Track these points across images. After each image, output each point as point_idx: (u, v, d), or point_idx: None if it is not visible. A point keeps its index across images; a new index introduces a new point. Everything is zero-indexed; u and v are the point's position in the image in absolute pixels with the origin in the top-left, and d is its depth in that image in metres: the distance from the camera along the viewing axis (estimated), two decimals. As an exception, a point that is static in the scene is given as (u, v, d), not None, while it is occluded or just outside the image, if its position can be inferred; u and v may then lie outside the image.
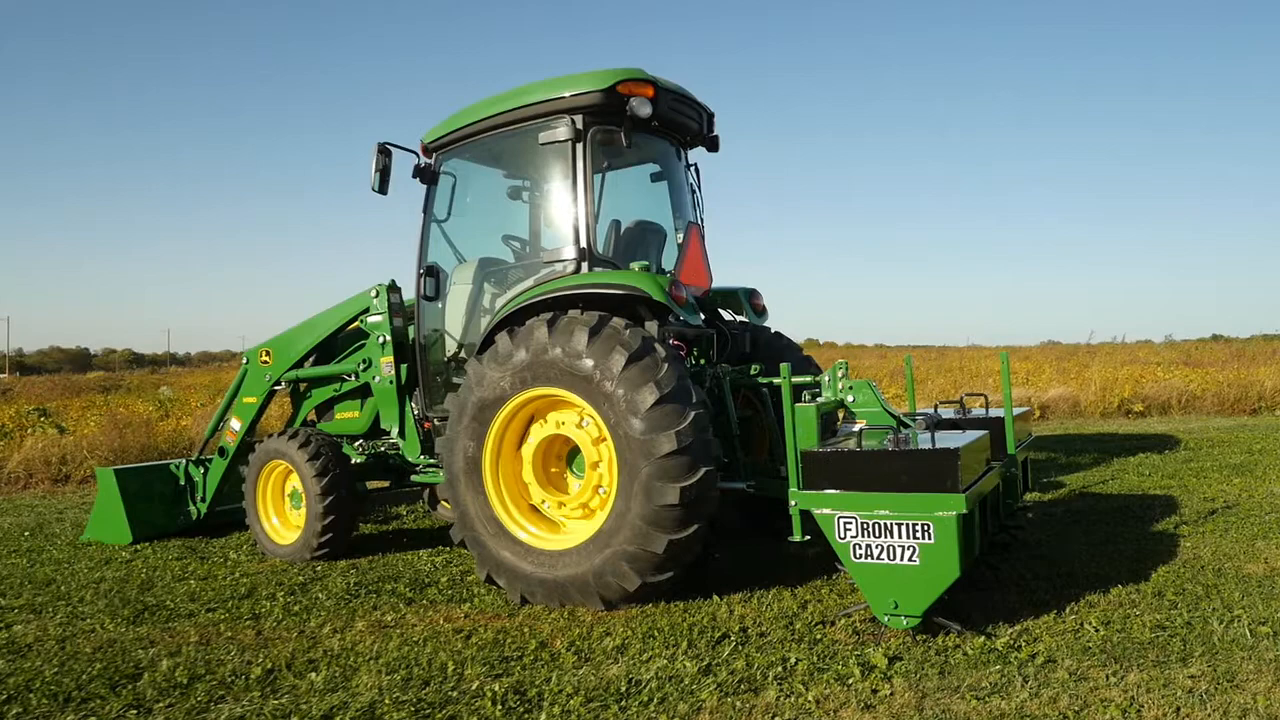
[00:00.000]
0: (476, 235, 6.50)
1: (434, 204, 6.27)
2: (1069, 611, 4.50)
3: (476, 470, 5.19)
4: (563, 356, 4.88)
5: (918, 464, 4.09)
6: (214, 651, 4.34)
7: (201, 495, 7.37)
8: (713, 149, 6.53)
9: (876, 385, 5.34)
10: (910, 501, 4.07)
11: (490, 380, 5.13)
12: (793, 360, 6.29)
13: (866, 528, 4.15)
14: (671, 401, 4.67)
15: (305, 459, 6.25)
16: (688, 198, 6.40)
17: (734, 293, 6.31)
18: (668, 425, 4.62)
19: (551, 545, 5.01)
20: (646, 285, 5.18)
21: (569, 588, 4.85)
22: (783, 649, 4.11)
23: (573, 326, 4.91)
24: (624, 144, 5.61)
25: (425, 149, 6.31)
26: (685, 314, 5.37)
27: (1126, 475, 9.06)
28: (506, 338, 5.14)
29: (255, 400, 7.13)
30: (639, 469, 4.64)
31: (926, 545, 4.03)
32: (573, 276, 5.45)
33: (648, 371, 4.71)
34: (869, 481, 4.16)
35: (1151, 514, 6.94)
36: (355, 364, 6.61)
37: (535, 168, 6.04)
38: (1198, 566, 5.28)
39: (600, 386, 4.77)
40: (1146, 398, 16.09)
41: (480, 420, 5.17)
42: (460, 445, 5.24)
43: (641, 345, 4.79)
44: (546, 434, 5.16)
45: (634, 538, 4.66)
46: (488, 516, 5.16)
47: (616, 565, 4.70)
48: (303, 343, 6.91)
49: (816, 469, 4.30)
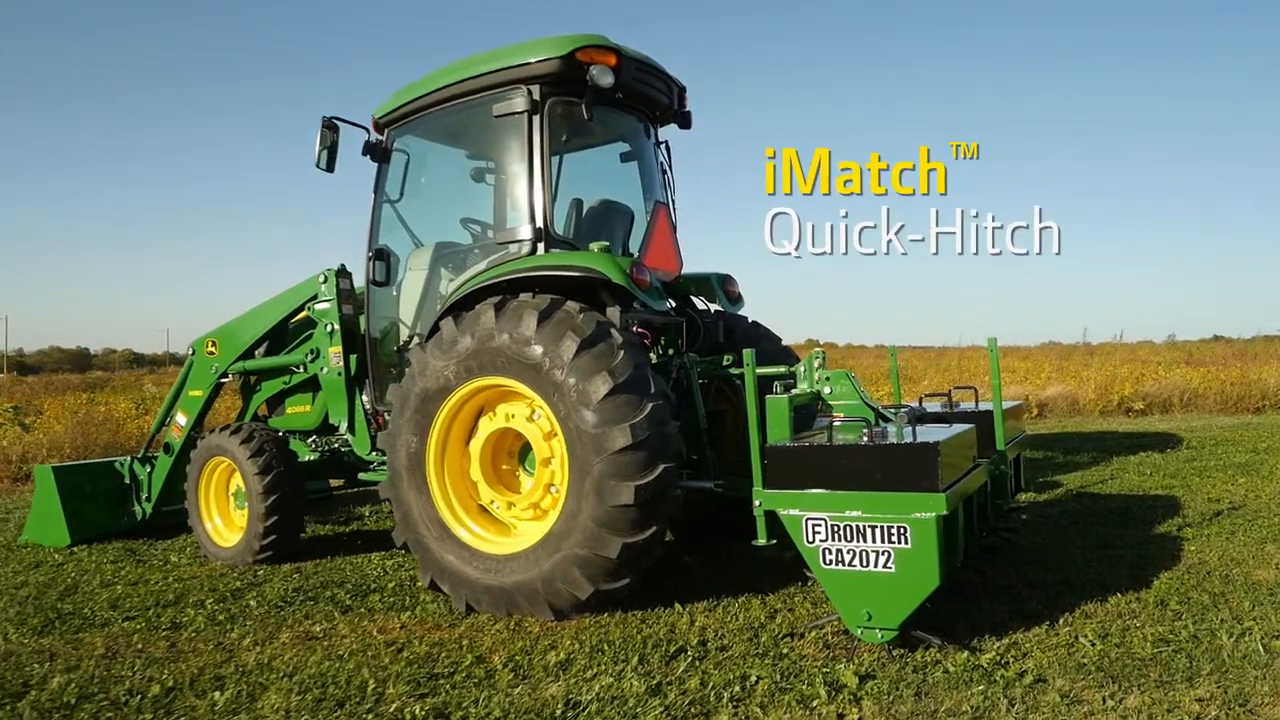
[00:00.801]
0: (433, 217, 6.09)
1: (385, 183, 5.86)
2: (1063, 623, 4.09)
3: (420, 467, 4.78)
4: (510, 343, 4.47)
5: (893, 460, 3.68)
6: (117, 666, 3.92)
7: (147, 494, 6.95)
8: (685, 125, 6.11)
9: (856, 377, 4.93)
10: (885, 501, 3.65)
11: (434, 369, 4.71)
12: (771, 351, 5.88)
13: (837, 531, 3.74)
14: (626, 392, 4.25)
15: (247, 455, 5.84)
16: (658, 177, 5.99)
17: (707, 279, 5.89)
18: (621, 418, 4.20)
19: (499, 549, 4.60)
20: (605, 267, 4.77)
21: (516, 595, 4.44)
22: (744, 665, 3.70)
23: (522, 310, 4.50)
24: (585, 116, 5.19)
25: (376, 124, 5.89)
26: (649, 299, 4.96)
27: (1126, 474, 8.65)
28: (451, 324, 4.73)
29: (201, 394, 6.71)
30: (590, 466, 4.23)
31: (903, 550, 3.62)
32: (527, 258, 5.04)
33: (601, 359, 4.30)
34: (839, 479, 3.74)
35: (1153, 515, 6.53)
36: (303, 355, 6.20)
37: (490, 143, 5.63)
38: (1203, 573, 4.87)
39: (550, 376, 4.36)
40: (1147, 396, 15.68)
41: (423, 413, 4.76)
42: (403, 440, 4.82)
43: (595, 331, 4.38)
44: (495, 428, 4.75)
45: (585, 541, 4.24)
46: (431, 518, 4.75)
47: (567, 571, 4.29)
48: (250, 332, 6.50)
49: (781, 466, 3.89)
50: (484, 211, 5.97)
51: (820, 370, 4.99)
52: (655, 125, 6.03)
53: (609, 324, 4.52)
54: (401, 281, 5.88)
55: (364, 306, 5.88)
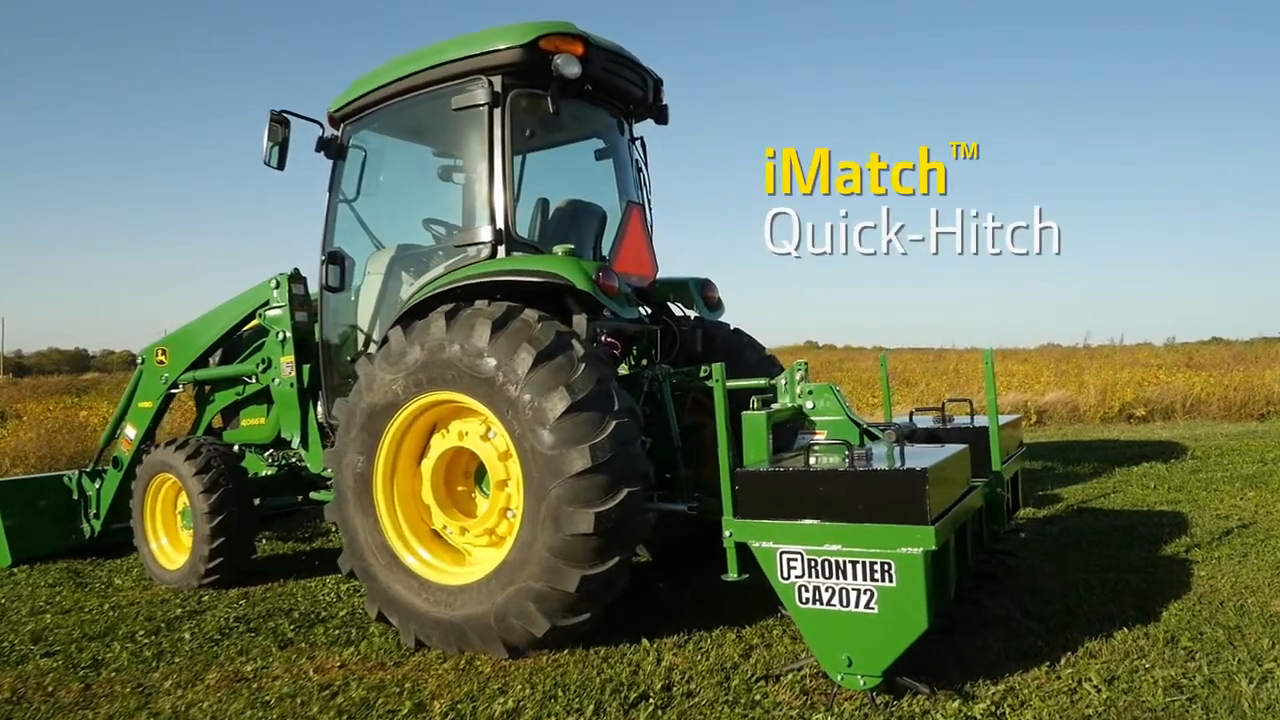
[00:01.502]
0: (394, 218, 5.72)
1: (341, 182, 5.49)
2: (1064, 664, 3.72)
3: (367, 489, 4.41)
4: (461, 355, 4.09)
5: (876, 487, 3.31)
6: (19, 713, 3.55)
7: (95, 511, 6.57)
8: (662, 120, 5.74)
9: (841, 391, 4.56)
10: (867, 534, 3.28)
11: (381, 383, 4.34)
12: (753, 360, 5.51)
13: (814, 566, 3.36)
14: (587, 409, 3.88)
15: (192, 472, 5.46)
16: (632, 176, 5.62)
17: (684, 283, 5.52)
18: (580, 438, 3.83)
19: (450, 579, 4.23)
20: (568, 271, 4.40)
21: (468, 631, 4.06)
22: (711, 713, 3.33)
23: (474, 320, 4.13)
24: (551, 109, 4.83)
25: (331, 119, 5.53)
26: (617, 306, 4.59)
27: (1130, 487, 8.28)
28: (400, 334, 4.36)
29: (151, 405, 6.34)
30: (547, 490, 3.86)
31: (887, 590, 3.25)
32: (485, 263, 4.67)
33: (559, 373, 3.92)
34: (817, 509, 3.37)
35: (1159, 535, 6.16)
36: (255, 365, 5.82)
37: (450, 138, 5.27)
38: (1216, 603, 4.50)
39: (504, 391, 3.98)
40: (1149, 402, 15.31)
41: (370, 430, 4.39)
42: (349, 459, 4.45)
43: (554, 342, 4.01)
44: (448, 447, 4.38)
45: (541, 573, 3.87)
46: (378, 544, 4.37)
47: (521, 605, 3.91)
48: (201, 339, 6.12)
49: (753, 493, 3.52)
50: (448, 212, 5.60)
51: (803, 383, 4.63)
52: (630, 120, 5.66)
53: (570, 334, 4.15)
54: (360, 287, 5.51)
55: (318, 313, 5.51)
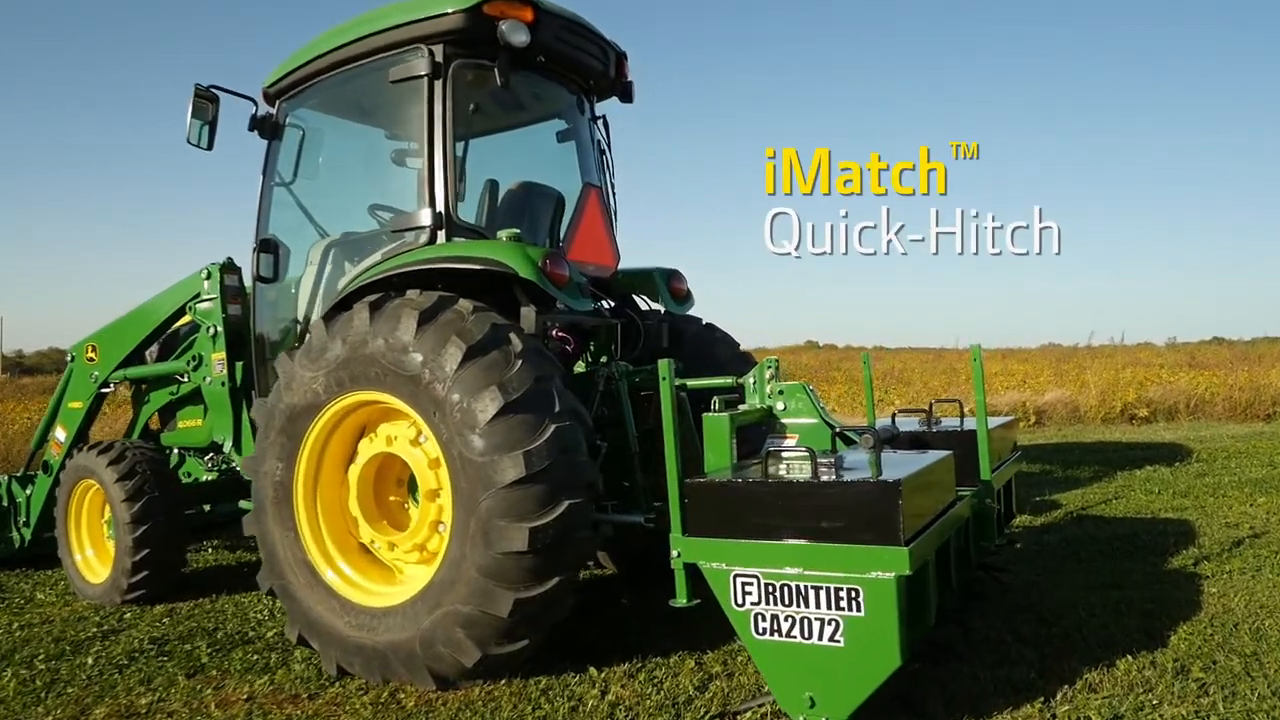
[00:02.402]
0: (336, 204, 5.29)
1: (277, 163, 5.05)
2: (1061, 699, 3.29)
3: (286, 499, 3.97)
4: (385, 350, 3.66)
5: (842, 501, 2.87)
6: None
7: (25, 519, 6.14)
8: (626, 99, 5.31)
9: (815, 390, 4.13)
10: (832, 556, 2.85)
11: (301, 382, 3.91)
12: (724, 357, 5.08)
13: (772, 592, 2.93)
14: (522, 411, 3.44)
15: (114, 478, 5.03)
16: (593, 158, 5.18)
17: (648, 274, 5.08)
18: (514, 443, 3.40)
19: (373, 600, 3.79)
20: (511, 258, 3.97)
21: (392, 659, 3.63)
22: (655, 761, 2.89)
23: (401, 311, 3.69)
24: (499, 82, 4.39)
25: (266, 95, 5.09)
26: (568, 297, 4.17)
27: (1132, 492, 7.83)
28: (322, 328, 3.93)
29: (81, 405, 5.90)
30: (476, 502, 3.42)
31: (855, 620, 2.81)
32: (421, 250, 4.24)
33: (491, 371, 3.49)
34: (775, 526, 2.94)
35: (1165, 545, 5.72)
36: (186, 362, 5.39)
37: (388, 114, 4.84)
38: (1229, 625, 4.06)
39: (430, 390, 3.55)
40: (1151, 402, 14.85)
41: (290, 434, 3.96)
42: (267, 466, 4.02)
43: (487, 336, 3.57)
44: (376, 452, 3.94)
45: (470, 595, 3.43)
46: (299, 560, 3.94)
47: (449, 631, 3.48)
48: (131, 335, 5.68)
49: (703, 506, 3.08)
50: (395, 196, 5.17)
51: (773, 382, 4.19)
52: (590, 98, 5.23)
53: (510, 328, 3.71)
54: (300, 278, 5.07)
55: (251, 306, 5.08)
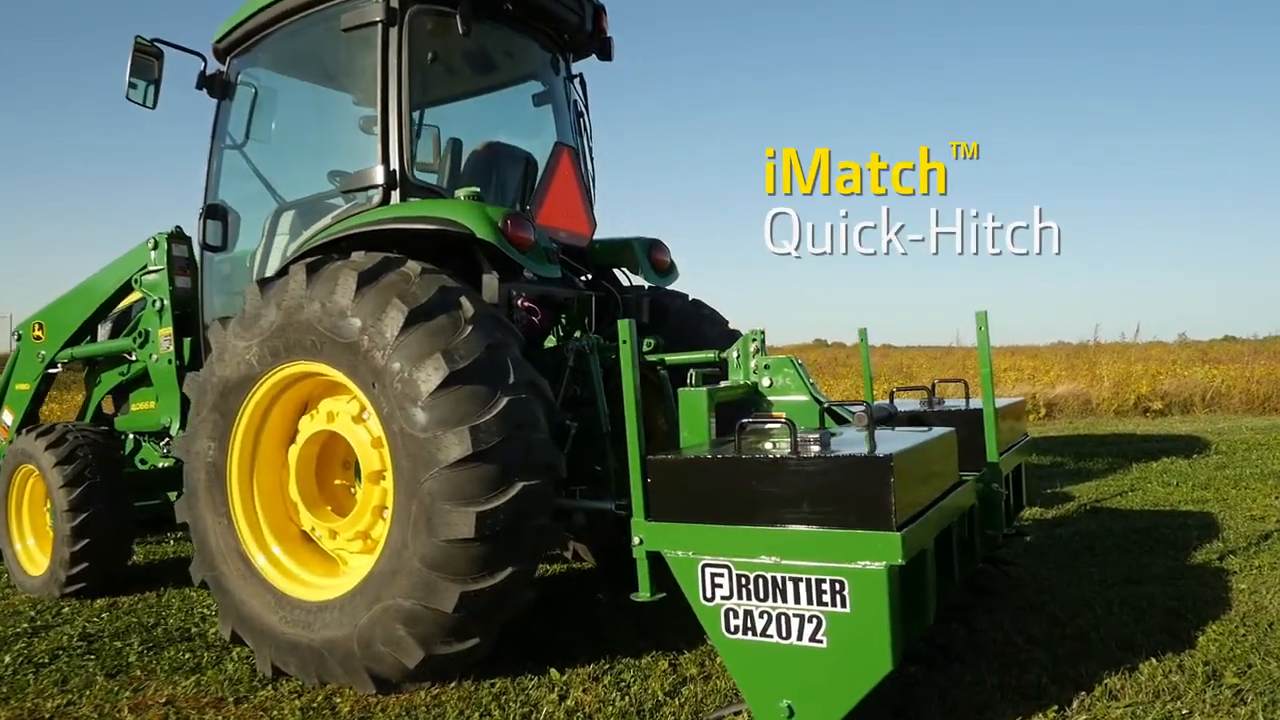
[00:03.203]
0: (295, 168, 4.92)
1: (228, 124, 4.70)
2: (1078, 708, 2.91)
3: (219, 482, 3.61)
4: (322, 315, 3.29)
5: (826, 480, 2.49)
6: None
7: (-27, 508, 5.78)
8: (605, 56, 4.94)
9: (804, 365, 3.75)
10: (813, 543, 2.46)
11: (234, 352, 3.54)
12: (712, 335, 4.69)
13: (745, 584, 2.55)
14: (470, 382, 3.07)
15: (52, 462, 4.67)
16: (570, 120, 4.81)
17: (627, 244, 4.70)
18: (460, 418, 3.02)
19: (310, 594, 3.43)
20: (467, 217, 3.61)
21: (328, 658, 3.26)
22: (611, 778, 2.51)
23: (340, 273, 3.32)
24: (461, 30, 4.02)
25: (217, 51, 4.73)
26: (533, 262, 3.80)
27: (1149, 485, 7.42)
28: (256, 293, 3.56)
29: (28, 387, 5.56)
30: (418, 483, 3.05)
31: (840, 617, 2.43)
32: (373, 210, 3.88)
33: (436, 337, 3.12)
34: (748, 509, 2.56)
35: (1186, 538, 5.32)
36: (133, 338, 5.03)
37: (342, 66, 4.46)
38: (1263, 625, 3.66)
39: (369, 359, 3.18)
40: (1166, 394, 14.40)
41: (223, 410, 3.59)
42: (199, 446, 3.66)
43: (434, 299, 3.20)
44: (316, 430, 3.58)
45: (412, 588, 3.06)
46: (232, 548, 3.58)
47: (389, 628, 3.11)
48: (78, 311, 5.33)
49: (668, 486, 2.70)
50: (358, 161, 4.80)
51: (759, 356, 3.81)
52: (566, 55, 4.86)
53: (461, 291, 3.34)
54: (255, 248, 4.71)
55: (199, 278, 4.72)
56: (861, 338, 4.83)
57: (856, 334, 5.01)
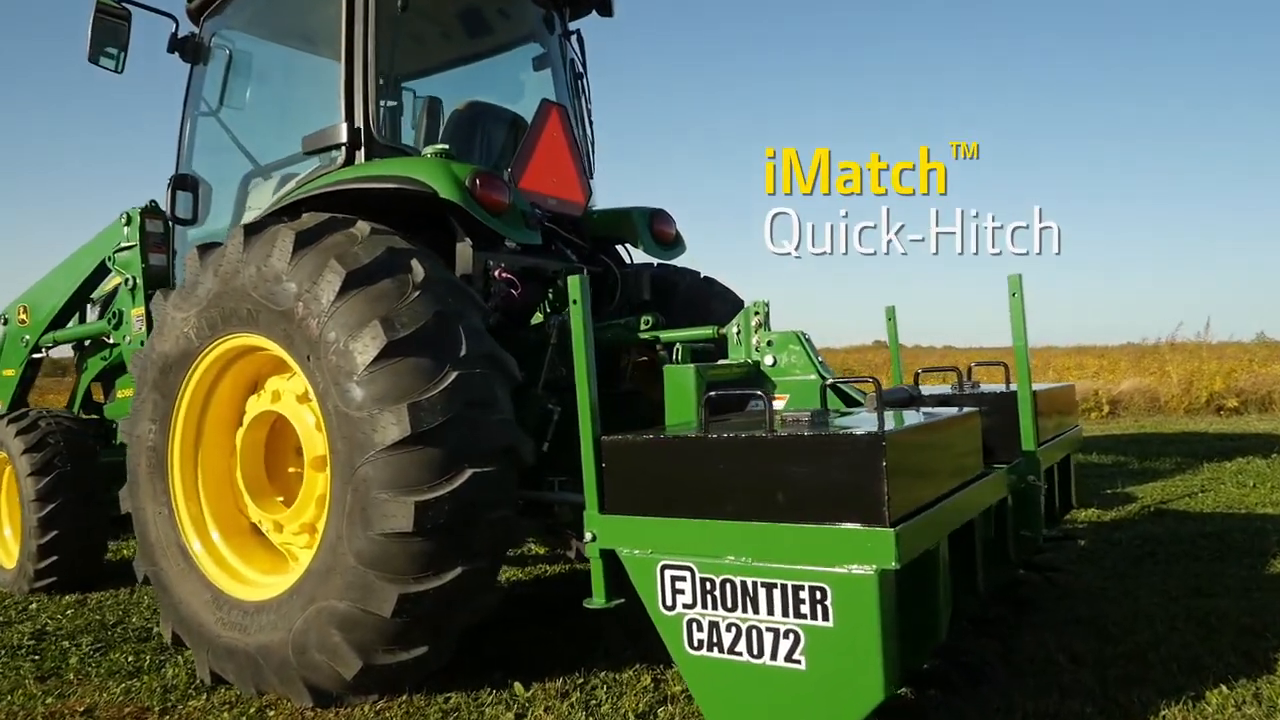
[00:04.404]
0: (275, 136, 4.61)
1: (201, 90, 4.41)
2: (1127, 746, 2.39)
3: (161, 469, 3.29)
4: (258, 280, 2.94)
5: (806, 464, 2.04)
6: None
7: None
8: (605, 11, 4.54)
9: (811, 340, 3.29)
10: (788, 541, 2.02)
11: (172, 325, 3.23)
12: (723, 313, 4.22)
13: (710, 590, 2.11)
14: (412, 353, 2.69)
15: (21, 449, 4.44)
16: (565, 80, 4.42)
17: (627, 214, 4.28)
18: (400, 393, 2.64)
19: (250, 593, 3.08)
20: (429, 175, 3.24)
21: (263, 665, 2.91)
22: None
23: (277, 235, 2.97)
24: None
25: (190, 12, 4.44)
26: (508, 227, 3.41)
27: (1222, 486, 6.74)
28: (195, 259, 3.23)
29: (14, 372, 5.36)
30: (353, 469, 2.68)
31: (821, 632, 1.98)
32: (336, 171, 3.53)
33: (376, 303, 2.74)
34: (713, 499, 2.12)
35: (1263, 545, 4.70)
36: (108, 320, 4.77)
37: (311, 22, 4.13)
38: (1359, 647, 3.09)
39: (304, 328, 2.82)
40: (1242, 392, 13.45)
41: (163, 390, 3.28)
42: (140, 428, 3.35)
43: (378, 261, 2.83)
44: (260, 411, 3.23)
45: (347, 588, 2.69)
46: (172, 541, 3.26)
47: (324, 634, 2.74)
48: (58, 293, 5.11)
49: (625, 473, 2.28)
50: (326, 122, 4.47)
51: (761, 331, 3.36)
52: (562, 11, 4.47)
53: (414, 254, 2.96)
54: (229, 219, 4.41)
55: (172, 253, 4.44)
56: (889, 316, 4.35)
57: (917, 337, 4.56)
